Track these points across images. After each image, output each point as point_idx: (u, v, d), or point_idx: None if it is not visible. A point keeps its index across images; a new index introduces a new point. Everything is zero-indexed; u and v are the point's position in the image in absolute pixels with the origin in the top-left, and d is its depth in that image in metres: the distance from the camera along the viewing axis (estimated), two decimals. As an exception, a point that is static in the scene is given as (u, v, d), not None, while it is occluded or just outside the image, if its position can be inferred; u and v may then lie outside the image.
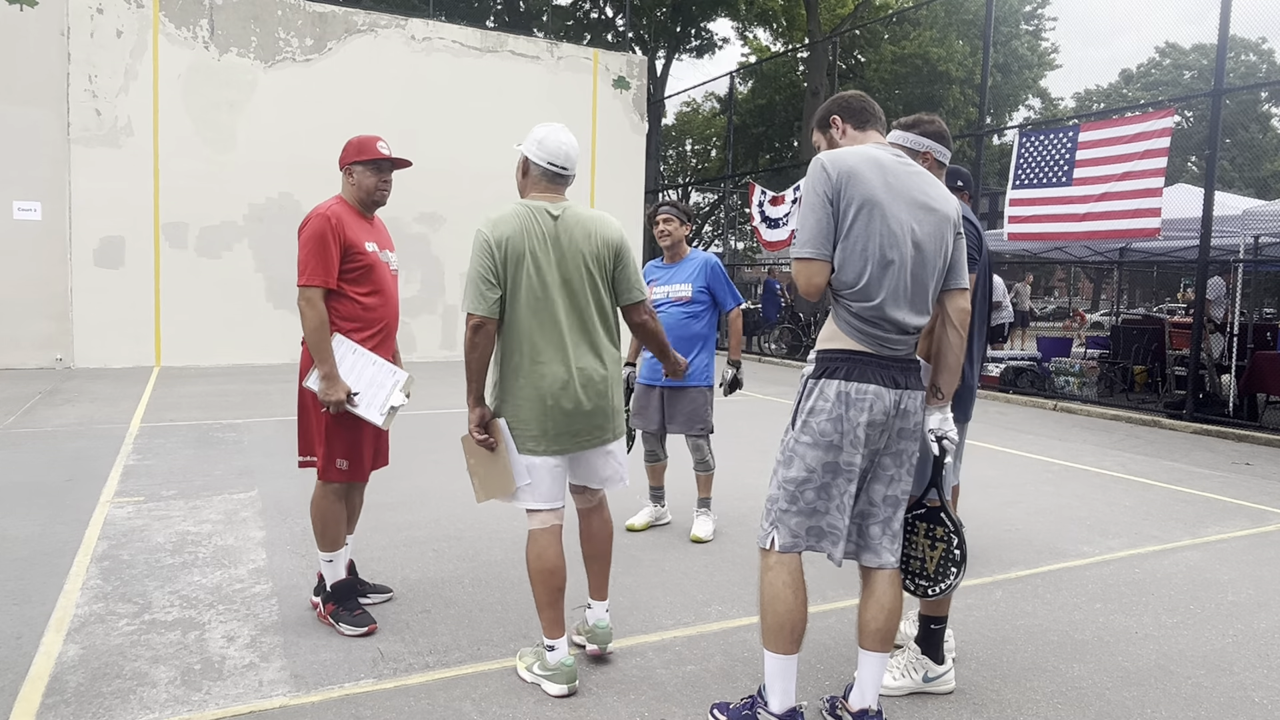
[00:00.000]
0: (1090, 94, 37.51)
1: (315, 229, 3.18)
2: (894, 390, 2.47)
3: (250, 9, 12.64)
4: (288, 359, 12.89)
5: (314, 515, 3.33)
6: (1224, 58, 9.12)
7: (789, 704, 2.52)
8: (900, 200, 2.44)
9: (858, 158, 2.45)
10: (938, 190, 2.55)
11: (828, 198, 2.42)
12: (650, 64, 21.54)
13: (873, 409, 2.43)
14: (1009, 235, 10.85)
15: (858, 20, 25.16)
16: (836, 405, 2.44)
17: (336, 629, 3.27)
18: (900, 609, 2.57)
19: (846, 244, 2.42)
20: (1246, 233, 10.06)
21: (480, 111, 14.16)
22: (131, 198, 11.96)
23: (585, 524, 3.11)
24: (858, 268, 2.42)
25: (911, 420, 2.53)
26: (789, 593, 2.49)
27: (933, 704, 2.83)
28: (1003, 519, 5.18)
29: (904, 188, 2.46)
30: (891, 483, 2.55)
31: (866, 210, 2.40)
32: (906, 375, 2.51)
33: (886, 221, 2.41)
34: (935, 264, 2.51)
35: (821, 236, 2.42)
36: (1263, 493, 6.13)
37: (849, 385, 2.44)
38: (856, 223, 2.41)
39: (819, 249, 2.42)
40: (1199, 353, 9.35)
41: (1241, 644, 3.40)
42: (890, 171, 2.46)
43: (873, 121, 2.63)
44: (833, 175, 2.42)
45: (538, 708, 2.73)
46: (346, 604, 3.31)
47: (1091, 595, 3.90)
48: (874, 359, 2.46)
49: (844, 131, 2.65)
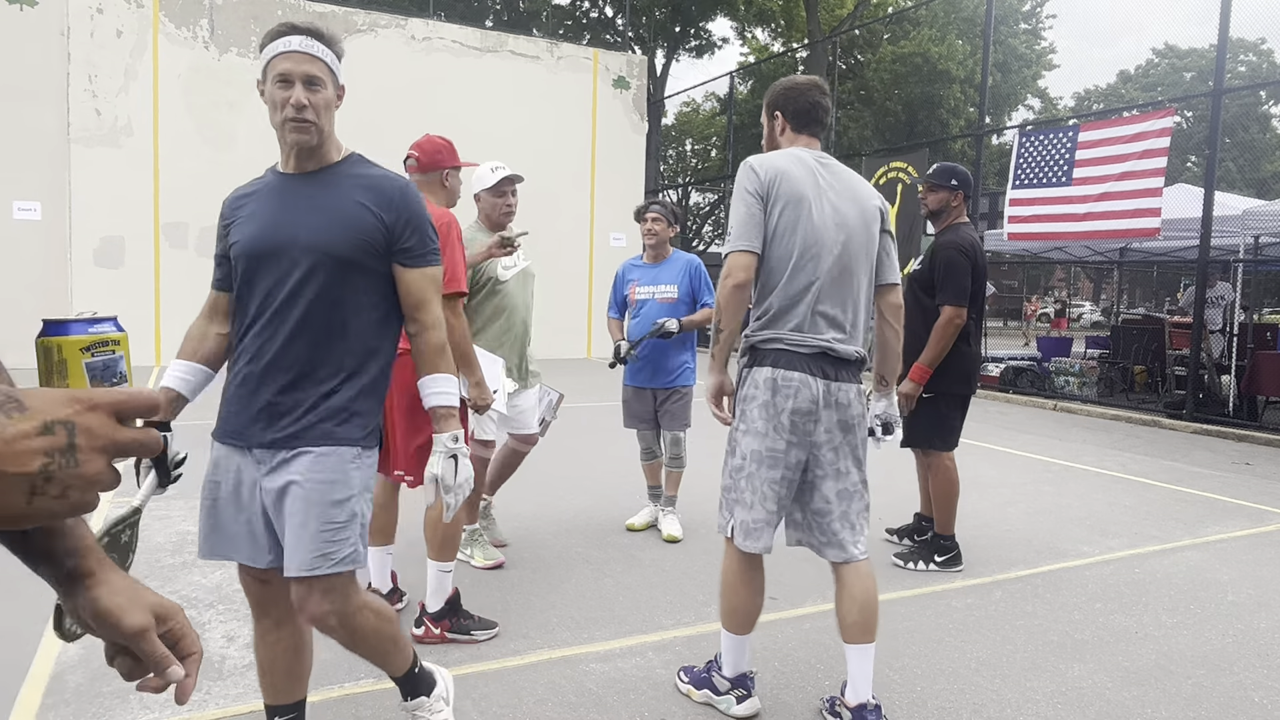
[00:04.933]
0: (1090, 94, 37.53)
1: (457, 234, 3.05)
2: (821, 380, 2.53)
3: (250, 9, 12.64)
4: (288, 359, 12.89)
5: (448, 525, 3.12)
6: (1224, 58, 9.12)
7: (740, 670, 2.73)
8: (827, 197, 2.57)
9: (786, 158, 2.58)
10: (864, 188, 2.68)
11: (757, 194, 2.54)
12: (650, 64, 21.54)
13: (799, 396, 2.50)
14: (1009, 235, 10.85)
15: (857, 20, 25.15)
16: (764, 391, 2.53)
17: (467, 640, 3.18)
18: (874, 598, 2.61)
19: (776, 239, 2.53)
20: (1246, 233, 10.06)
21: (480, 111, 14.15)
22: (131, 198, 11.96)
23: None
24: (787, 262, 2.53)
25: (849, 413, 2.57)
26: (740, 583, 2.65)
27: (933, 703, 2.83)
28: (1003, 519, 5.18)
29: (831, 185, 2.60)
30: (839, 476, 2.59)
31: (794, 206, 2.52)
32: (838, 368, 2.56)
33: (813, 217, 2.53)
34: (864, 258, 2.62)
35: (752, 230, 2.53)
36: (1263, 493, 6.13)
37: (776, 372, 2.53)
38: (784, 218, 2.52)
39: (750, 242, 2.52)
40: (1199, 353, 9.35)
41: (1241, 644, 3.40)
42: (817, 171, 2.60)
43: (812, 127, 2.73)
44: (762, 175, 2.54)
45: (537, 708, 2.73)
46: (462, 612, 3.24)
47: (1091, 595, 3.90)
48: (801, 348, 2.53)
49: (783, 129, 2.75)
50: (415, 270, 2.09)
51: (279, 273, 2.00)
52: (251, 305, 2.04)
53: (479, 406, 3.17)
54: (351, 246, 2.00)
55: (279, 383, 2.00)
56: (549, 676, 2.95)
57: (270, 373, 2.00)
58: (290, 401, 2.00)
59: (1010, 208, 10.68)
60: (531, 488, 5.51)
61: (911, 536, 4.57)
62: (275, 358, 2.00)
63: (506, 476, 4.35)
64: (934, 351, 4.08)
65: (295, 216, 2.01)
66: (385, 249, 2.05)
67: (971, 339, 4.21)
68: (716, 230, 33.82)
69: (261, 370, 2.01)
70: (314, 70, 1.97)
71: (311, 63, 1.97)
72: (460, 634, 3.20)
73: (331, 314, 2.01)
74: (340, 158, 2.10)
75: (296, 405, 2.00)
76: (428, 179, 3.29)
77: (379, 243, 2.03)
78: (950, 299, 4.06)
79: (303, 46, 1.96)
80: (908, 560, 4.22)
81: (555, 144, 14.75)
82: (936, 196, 4.26)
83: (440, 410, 2.12)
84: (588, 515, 4.96)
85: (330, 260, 1.99)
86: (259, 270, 2.02)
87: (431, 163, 3.27)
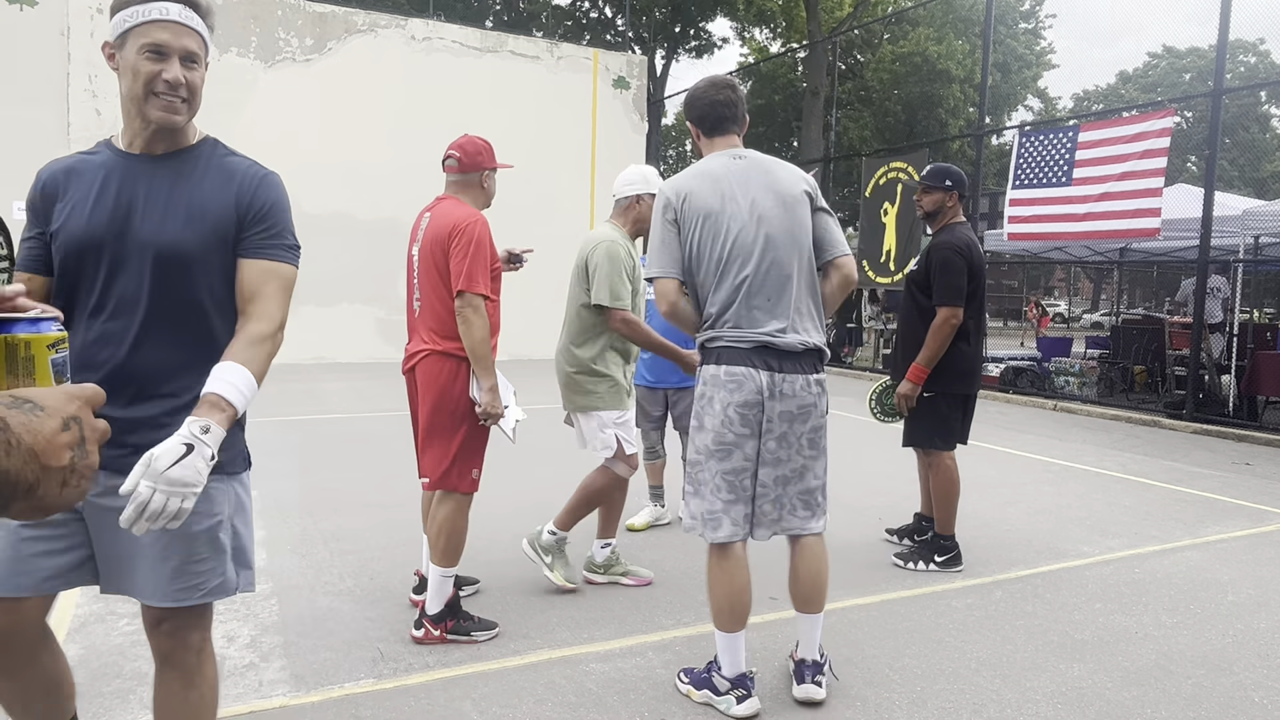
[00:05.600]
0: (1089, 94, 37.53)
1: (481, 235, 3.06)
2: (765, 371, 2.63)
3: (250, 9, 12.64)
4: (287, 359, 12.88)
5: (450, 531, 3.15)
6: (1224, 58, 9.12)
7: (739, 670, 2.75)
8: (740, 202, 2.66)
9: (692, 177, 2.70)
10: (787, 175, 2.74)
11: (671, 221, 2.69)
12: (650, 64, 21.55)
13: (743, 388, 2.62)
14: (1009, 235, 10.85)
15: (857, 20, 25.15)
16: (711, 387, 2.67)
17: (467, 641, 3.19)
18: (820, 575, 2.81)
19: (698, 253, 2.68)
20: (1246, 233, 10.06)
21: (480, 112, 14.16)
22: (131, 198, 11.96)
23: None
24: (715, 269, 2.66)
25: (795, 402, 2.66)
26: (725, 578, 2.72)
27: (933, 703, 2.83)
28: (1003, 519, 5.18)
29: (742, 188, 2.67)
30: (779, 464, 2.69)
31: (707, 221, 2.65)
32: (782, 359, 2.66)
33: (728, 226, 2.64)
34: (792, 246, 2.69)
35: (668, 257, 2.70)
36: (1263, 493, 6.13)
37: (720, 368, 2.66)
38: (701, 234, 2.66)
39: (665, 268, 2.69)
40: (1199, 353, 9.35)
41: (1241, 644, 3.40)
42: (724, 179, 2.68)
43: (724, 125, 2.81)
44: (673, 200, 2.69)
45: (537, 708, 2.73)
46: (463, 614, 3.24)
47: (1091, 595, 3.90)
48: (742, 343, 2.64)
49: (699, 137, 2.88)
50: (257, 261, 1.82)
51: (117, 268, 1.75)
52: (81, 302, 1.77)
53: (488, 414, 3.12)
54: (203, 242, 1.78)
55: (125, 396, 1.75)
56: (549, 676, 2.95)
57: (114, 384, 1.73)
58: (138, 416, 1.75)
59: (1010, 208, 10.68)
60: (531, 488, 5.51)
61: (911, 536, 4.57)
62: (119, 368, 1.75)
63: (594, 509, 3.87)
64: (930, 351, 4.08)
65: (137, 204, 1.76)
66: (235, 241, 1.82)
67: (971, 338, 4.21)
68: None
69: (101, 380, 1.72)
70: (193, 45, 1.74)
71: (191, 36, 1.74)
72: (460, 635, 3.20)
73: (188, 315, 1.78)
74: (196, 140, 1.86)
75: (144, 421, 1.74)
76: (466, 179, 3.28)
77: (231, 236, 1.81)
78: (945, 299, 4.06)
79: (182, 17, 1.72)
80: (908, 560, 4.22)
81: (555, 144, 14.75)
82: (932, 198, 4.27)
83: (211, 397, 1.62)
84: (588, 515, 4.95)
85: (180, 257, 1.76)
86: (89, 263, 1.75)
87: (473, 164, 3.26)
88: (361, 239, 13.40)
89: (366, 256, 13.39)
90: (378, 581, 3.81)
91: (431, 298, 3.16)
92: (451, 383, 3.12)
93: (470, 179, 3.29)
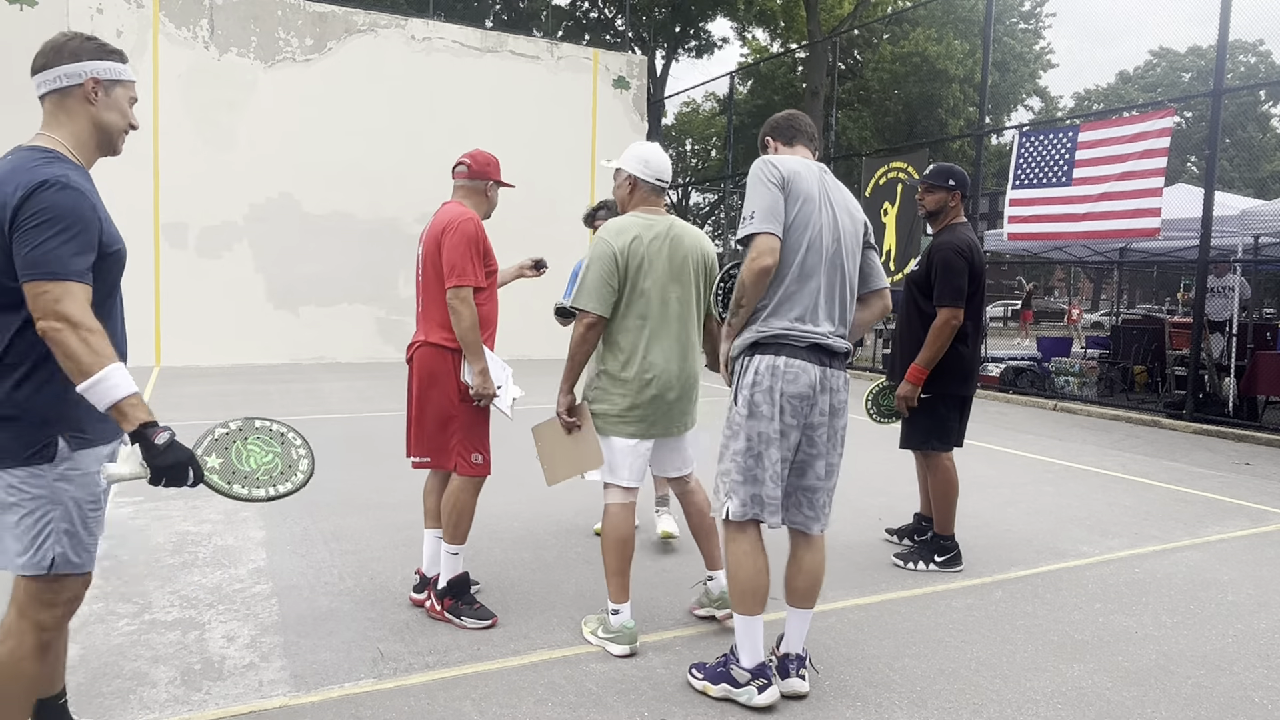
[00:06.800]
0: (1089, 94, 37.54)
1: (470, 232, 3.27)
2: (818, 367, 2.73)
3: (250, 9, 12.64)
4: (287, 359, 12.89)
5: (454, 509, 3.35)
6: (1224, 58, 9.12)
7: (758, 659, 2.76)
8: (828, 201, 2.78)
9: (796, 162, 2.78)
10: (855, 203, 2.95)
11: (778, 185, 2.71)
12: (650, 64, 21.55)
13: (799, 381, 2.70)
14: (1009, 235, 10.85)
15: (856, 20, 25.16)
16: (767, 377, 2.71)
17: (457, 624, 3.34)
18: (821, 571, 2.88)
19: (789, 231, 2.71)
20: (1246, 233, 10.06)
21: (480, 111, 14.16)
22: (131, 198, 11.94)
23: (686, 505, 3.46)
24: (795, 254, 2.71)
25: (838, 398, 2.80)
26: (749, 560, 2.76)
27: (933, 703, 2.83)
28: (1002, 519, 5.18)
29: (830, 192, 2.82)
30: (829, 454, 2.81)
31: (806, 204, 2.72)
32: (831, 357, 2.78)
33: (820, 217, 2.74)
34: (852, 266, 2.86)
35: (776, 214, 2.69)
36: (1263, 493, 6.13)
37: (779, 359, 2.70)
38: (799, 214, 2.71)
39: (775, 226, 2.67)
40: (1199, 353, 9.35)
41: (1241, 644, 3.40)
42: (819, 180, 2.81)
43: (799, 137, 2.98)
44: (781, 170, 2.73)
45: (537, 708, 2.73)
46: (465, 598, 3.39)
47: (1091, 595, 3.90)
48: (801, 339, 2.72)
49: (776, 149, 2.99)
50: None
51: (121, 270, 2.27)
52: (109, 304, 2.19)
53: (480, 395, 3.27)
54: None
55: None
56: (549, 676, 2.95)
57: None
58: None
59: (1010, 208, 10.68)
60: (531, 488, 5.51)
61: (911, 537, 4.57)
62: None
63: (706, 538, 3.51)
64: (930, 352, 4.08)
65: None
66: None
67: (969, 340, 4.21)
68: (716, 230, 33.83)
69: None
70: None
71: None
72: (452, 615, 3.35)
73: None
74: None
75: None
76: (473, 185, 3.50)
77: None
78: (946, 300, 4.05)
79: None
80: (908, 560, 4.22)
81: (555, 144, 14.75)
82: (934, 197, 4.27)
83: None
84: (588, 515, 4.96)
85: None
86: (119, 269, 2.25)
87: (481, 172, 3.50)
88: (361, 239, 13.41)
89: (366, 256, 13.40)
90: (378, 581, 3.81)
91: (433, 291, 3.35)
92: (443, 369, 3.32)
93: (477, 186, 3.50)
